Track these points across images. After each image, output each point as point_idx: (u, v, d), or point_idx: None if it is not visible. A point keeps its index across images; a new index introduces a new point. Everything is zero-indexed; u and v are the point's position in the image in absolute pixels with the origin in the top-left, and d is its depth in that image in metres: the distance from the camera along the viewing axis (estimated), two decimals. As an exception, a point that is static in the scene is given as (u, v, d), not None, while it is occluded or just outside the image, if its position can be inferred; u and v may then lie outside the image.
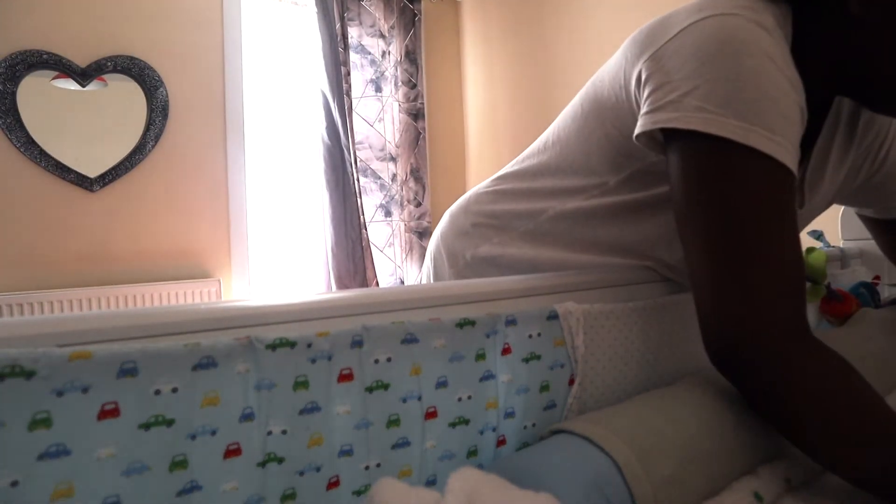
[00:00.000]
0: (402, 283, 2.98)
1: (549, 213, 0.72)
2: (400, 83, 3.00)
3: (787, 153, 0.50)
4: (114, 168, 2.31)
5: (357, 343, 0.45)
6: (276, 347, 0.41)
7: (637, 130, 0.56)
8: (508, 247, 0.76)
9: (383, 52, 2.97)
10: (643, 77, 0.56)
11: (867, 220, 0.89)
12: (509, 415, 0.54)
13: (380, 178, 2.97)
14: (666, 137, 0.55)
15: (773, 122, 0.49)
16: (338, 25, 2.71)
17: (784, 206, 0.51)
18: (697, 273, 0.53)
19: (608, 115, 0.63)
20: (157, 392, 0.36)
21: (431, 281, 0.87)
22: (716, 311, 0.51)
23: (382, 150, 2.97)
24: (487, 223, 0.79)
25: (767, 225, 0.50)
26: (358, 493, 0.45)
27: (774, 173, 0.50)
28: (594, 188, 0.68)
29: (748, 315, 0.49)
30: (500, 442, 0.54)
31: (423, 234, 3.04)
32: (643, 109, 0.55)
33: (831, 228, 1.11)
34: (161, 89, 2.39)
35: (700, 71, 0.50)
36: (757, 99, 0.49)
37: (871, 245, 1.07)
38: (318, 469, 0.43)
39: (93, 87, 2.29)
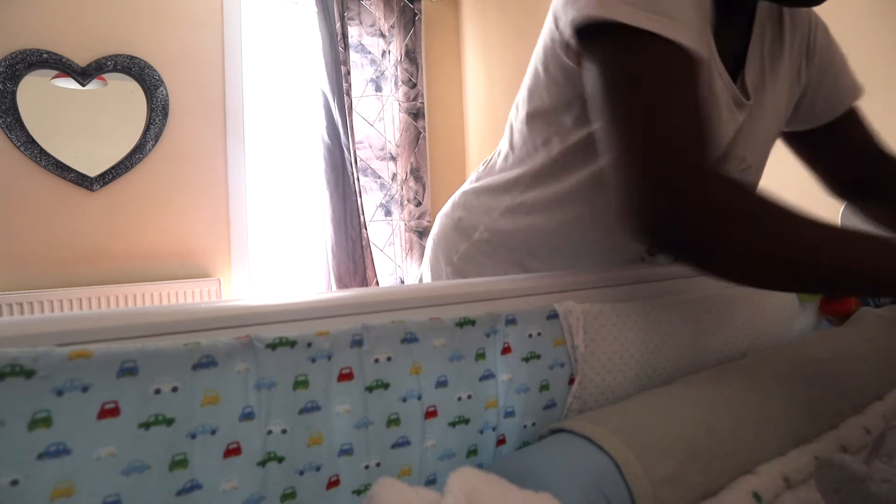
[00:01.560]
0: (402, 282, 2.98)
1: (528, 175, 0.74)
2: (400, 82, 3.00)
3: (683, 34, 0.52)
4: (114, 167, 2.31)
5: (357, 342, 0.45)
6: (275, 347, 0.41)
7: (563, 47, 0.59)
8: (496, 226, 0.79)
9: (383, 52, 2.97)
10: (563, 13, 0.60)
11: (817, 150, 0.88)
12: (509, 414, 0.54)
13: (380, 177, 2.97)
14: (581, 46, 0.58)
15: (668, 8, 0.51)
16: (338, 25, 2.71)
17: (684, 81, 0.53)
18: (612, 154, 0.54)
19: (550, 62, 0.67)
20: (157, 391, 0.36)
21: None
22: (636, 172, 0.52)
23: (382, 149, 2.97)
24: (473, 211, 0.82)
25: (667, 95, 0.52)
26: (358, 492, 0.45)
27: (671, 52, 0.52)
28: (555, 136, 0.70)
29: (668, 161, 0.50)
30: (500, 441, 0.54)
31: (423, 233, 3.04)
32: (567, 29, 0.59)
33: (831, 228, 1.11)
34: (161, 89, 2.39)
35: None
36: None
37: (870, 245, 1.06)
38: (318, 468, 0.43)
39: (93, 86, 2.29)
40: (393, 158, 2.99)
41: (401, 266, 3.01)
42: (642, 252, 0.79)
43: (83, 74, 2.26)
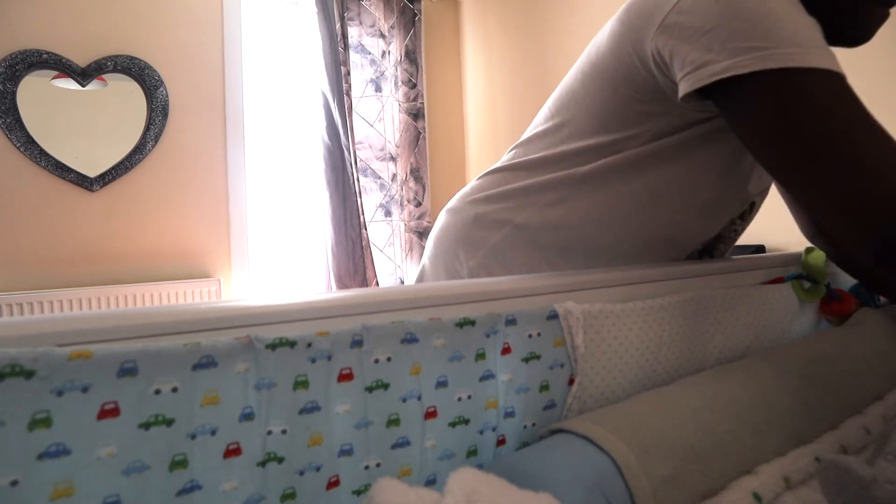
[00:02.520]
0: (402, 282, 2.97)
1: (575, 177, 0.73)
2: (400, 83, 3.00)
3: (833, 60, 0.54)
4: (114, 168, 2.31)
5: (357, 343, 0.45)
6: (275, 347, 0.41)
7: (688, 89, 0.58)
8: (531, 224, 0.76)
9: (383, 52, 2.97)
10: (665, 40, 0.59)
11: None
12: (509, 414, 0.54)
13: (380, 177, 2.97)
14: (717, 86, 0.57)
15: (811, 39, 0.53)
16: (338, 25, 2.71)
17: (860, 105, 0.54)
18: (822, 195, 0.54)
19: (620, 81, 0.67)
20: (157, 391, 0.36)
21: None
22: (862, 207, 0.52)
23: (382, 149, 2.97)
24: (503, 207, 0.78)
25: (859, 123, 0.53)
26: (358, 492, 0.45)
27: (836, 80, 0.53)
28: (614, 144, 0.70)
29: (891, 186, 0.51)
30: (500, 441, 0.54)
31: (423, 233, 3.04)
32: (684, 69, 0.58)
33: (831, 228, 1.11)
34: (161, 89, 2.39)
35: (728, 15, 0.54)
36: (788, 25, 0.53)
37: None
38: (317, 469, 0.43)
39: (93, 86, 2.29)
40: (393, 159, 2.99)
41: (401, 266, 3.01)
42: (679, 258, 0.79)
43: (83, 75, 2.26)
